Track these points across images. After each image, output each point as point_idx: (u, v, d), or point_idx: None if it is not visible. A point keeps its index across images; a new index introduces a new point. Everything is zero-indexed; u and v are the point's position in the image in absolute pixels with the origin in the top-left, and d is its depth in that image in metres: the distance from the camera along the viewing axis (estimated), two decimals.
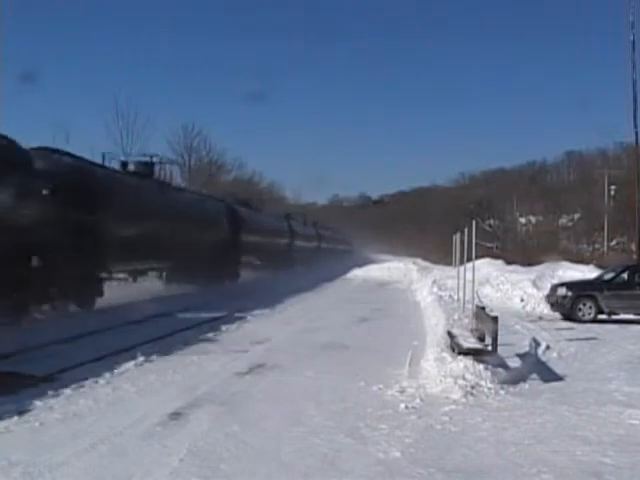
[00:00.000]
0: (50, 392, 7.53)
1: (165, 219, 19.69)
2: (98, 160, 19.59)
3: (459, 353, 8.75)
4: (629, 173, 32.54)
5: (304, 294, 23.31)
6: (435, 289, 22.67)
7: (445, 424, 6.56)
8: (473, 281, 14.73)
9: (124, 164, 20.38)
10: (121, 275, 18.62)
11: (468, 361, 8.44)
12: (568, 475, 5.16)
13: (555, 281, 20.50)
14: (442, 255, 41.87)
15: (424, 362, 9.24)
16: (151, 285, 20.81)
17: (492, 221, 57.62)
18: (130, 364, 9.34)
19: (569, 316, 17.07)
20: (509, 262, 32.93)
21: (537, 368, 9.62)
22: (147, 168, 21.11)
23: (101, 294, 16.26)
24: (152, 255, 19.43)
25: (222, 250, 25.60)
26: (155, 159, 22.71)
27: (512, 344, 11.13)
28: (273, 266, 35.34)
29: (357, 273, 37.97)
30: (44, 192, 13.14)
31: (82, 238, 14.23)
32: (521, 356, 10.45)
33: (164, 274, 22.24)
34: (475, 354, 8.65)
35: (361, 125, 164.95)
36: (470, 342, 9.32)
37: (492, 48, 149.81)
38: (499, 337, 9.24)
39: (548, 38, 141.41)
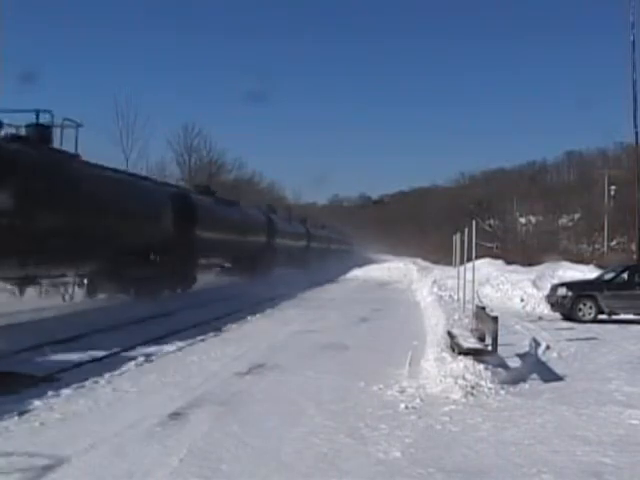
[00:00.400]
0: (50, 392, 7.54)
1: (70, 204, 14.56)
2: None
3: (459, 353, 8.75)
4: (629, 173, 32.55)
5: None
6: (435, 289, 22.68)
7: (445, 424, 6.56)
8: (473, 281, 14.73)
9: None
10: None
11: (468, 361, 8.44)
12: (568, 475, 5.16)
13: (555, 281, 20.52)
14: (442, 255, 41.90)
15: (424, 362, 9.24)
16: (48, 297, 15.46)
17: (492, 221, 57.66)
18: None
19: (569, 316, 17.07)
20: (509, 262, 33.00)
21: (537, 368, 9.62)
22: (38, 132, 15.01)
23: None
24: (50, 256, 13.95)
25: (166, 249, 20.20)
26: (46, 120, 15.64)
27: (512, 344, 11.14)
28: (246, 269, 30.29)
29: (357, 273, 37.96)
30: None
31: None
32: (521, 356, 10.45)
33: (83, 282, 16.79)
34: (475, 354, 8.65)
35: (361, 125, 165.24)
36: (470, 342, 9.32)
37: (492, 48, 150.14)
38: (499, 337, 9.25)
39: (548, 38, 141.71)
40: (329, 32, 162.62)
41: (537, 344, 11.62)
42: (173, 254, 20.78)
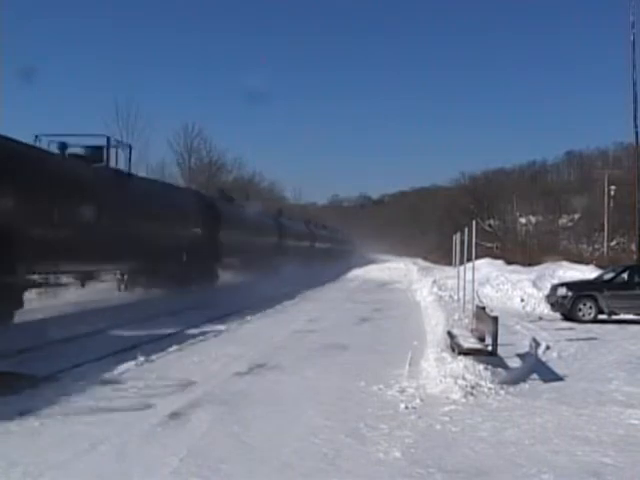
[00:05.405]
0: (50, 392, 7.55)
1: (120, 211, 16.99)
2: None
3: (459, 353, 8.75)
4: (629, 173, 32.58)
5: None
6: (435, 289, 22.68)
7: (445, 424, 6.56)
8: (473, 281, 14.71)
9: (63, 146, 16.38)
10: (64, 279, 15.55)
11: (468, 361, 8.44)
12: (568, 475, 5.16)
13: (555, 281, 20.50)
14: (442, 255, 41.95)
15: (424, 362, 9.24)
16: (103, 290, 18.04)
17: (492, 221, 57.61)
18: None
19: (569, 316, 17.07)
20: (509, 262, 32.95)
21: (537, 368, 9.62)
22: (95, 153, 17.27)
23: (20, 305, 12.77)
24: (103, 255, 16.27)
25: (195, 249, 22.79)
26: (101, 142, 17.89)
27: (512, 344, 11.14)
28: (258, 267, 32.51)
29: (357, 273, 38.00)
30: None
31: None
32: (521, 356, 10.44)
33: (125, 277, 19.19)
34: (475, 354, 8.65)
35: (361, 125, 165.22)
36: (470, 342, 9.32)
37: (492, 48, 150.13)
38: (499, 337, 9.23)
39: (548, 38, 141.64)
40: (329, 31, 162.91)
41: (537, 344, 11.60)
42: (200, 254, 23.37)
